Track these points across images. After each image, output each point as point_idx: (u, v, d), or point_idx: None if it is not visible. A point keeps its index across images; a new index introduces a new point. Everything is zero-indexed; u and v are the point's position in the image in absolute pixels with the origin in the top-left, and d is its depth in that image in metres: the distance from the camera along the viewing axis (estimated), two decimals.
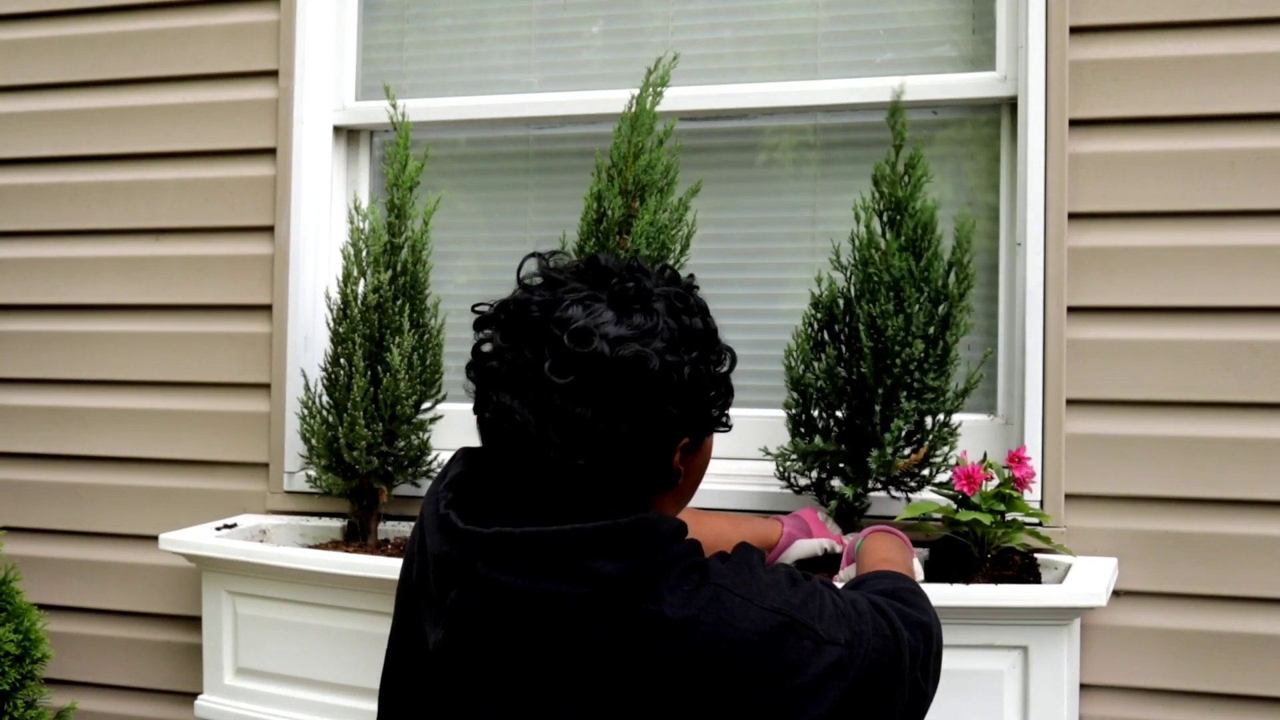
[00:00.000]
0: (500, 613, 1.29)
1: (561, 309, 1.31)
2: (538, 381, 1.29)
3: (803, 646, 1.30)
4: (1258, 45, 2.11)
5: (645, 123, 2.16)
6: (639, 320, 1.32)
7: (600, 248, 2.12)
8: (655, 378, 1.30)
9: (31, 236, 2.75)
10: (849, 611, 1.37)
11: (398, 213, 2.32)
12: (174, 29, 2.65)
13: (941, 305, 2.03)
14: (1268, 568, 2.08)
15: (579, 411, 1.28)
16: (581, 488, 1.32)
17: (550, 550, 1.27)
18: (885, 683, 1.37)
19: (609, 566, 1.27)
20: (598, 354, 1.28)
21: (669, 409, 1.32)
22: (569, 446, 1.29)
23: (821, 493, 2.12)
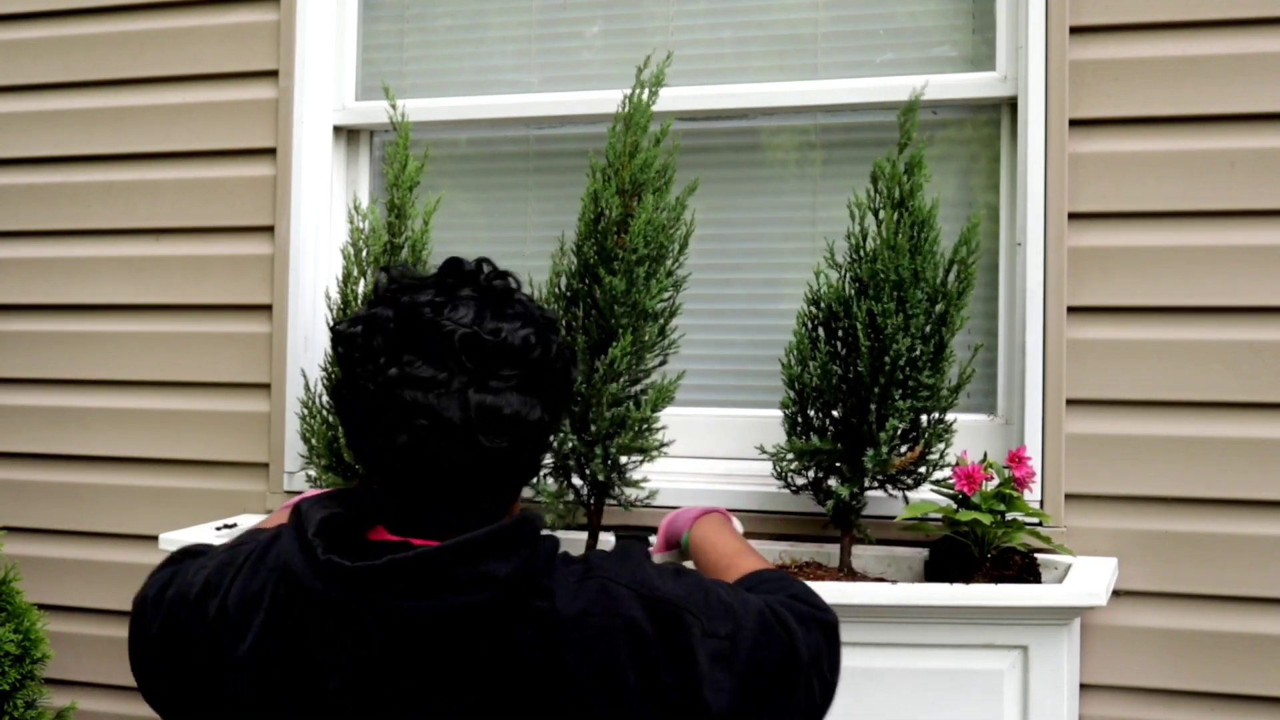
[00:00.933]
0: (407, 640, 1.29)
1: (449, 309, 1.34)
2: (448, 378, 1.31)
3: (692, 635, 1.34)
4: (1258, 45, 2.10)
5: (640, 121, 2.16)
6: (518, 310, 1.38)
7: (599, 248, 2.12)
8: (553, 358, 1.37)
9: (31, 236, 2.75)
10: (734, 606, 1.41)
11: (398, 213, 2.32)
12: (174, 29, 2.65)
13: (939, 303, 2.03)
14: (1268, 568, 2.08)
15: (496, 400, 1.31)
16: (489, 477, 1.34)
17: (447, 564, 1.28)
18: (781, 679, 1.40)
19: (503, 568, 1.29)
20: (505, 342, 1.32)
21: (564, 392, 1.40)
22: (494, 431, 1.31)
23: (818, 492, 2.11)
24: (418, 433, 1.31)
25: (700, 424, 2.41)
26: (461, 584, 1.28)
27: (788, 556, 2.20)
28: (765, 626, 1.42)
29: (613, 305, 2.09)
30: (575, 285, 2.16)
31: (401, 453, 1.33)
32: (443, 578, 1.28)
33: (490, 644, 1.30)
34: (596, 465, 2.12)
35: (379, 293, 1.41)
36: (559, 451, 2.15)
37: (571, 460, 2.15)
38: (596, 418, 2.11)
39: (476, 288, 1.38)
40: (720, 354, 2.48)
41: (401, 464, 1.34)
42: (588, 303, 2.13)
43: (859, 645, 1.86)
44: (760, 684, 1.38)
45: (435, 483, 1.34)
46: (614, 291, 2.08)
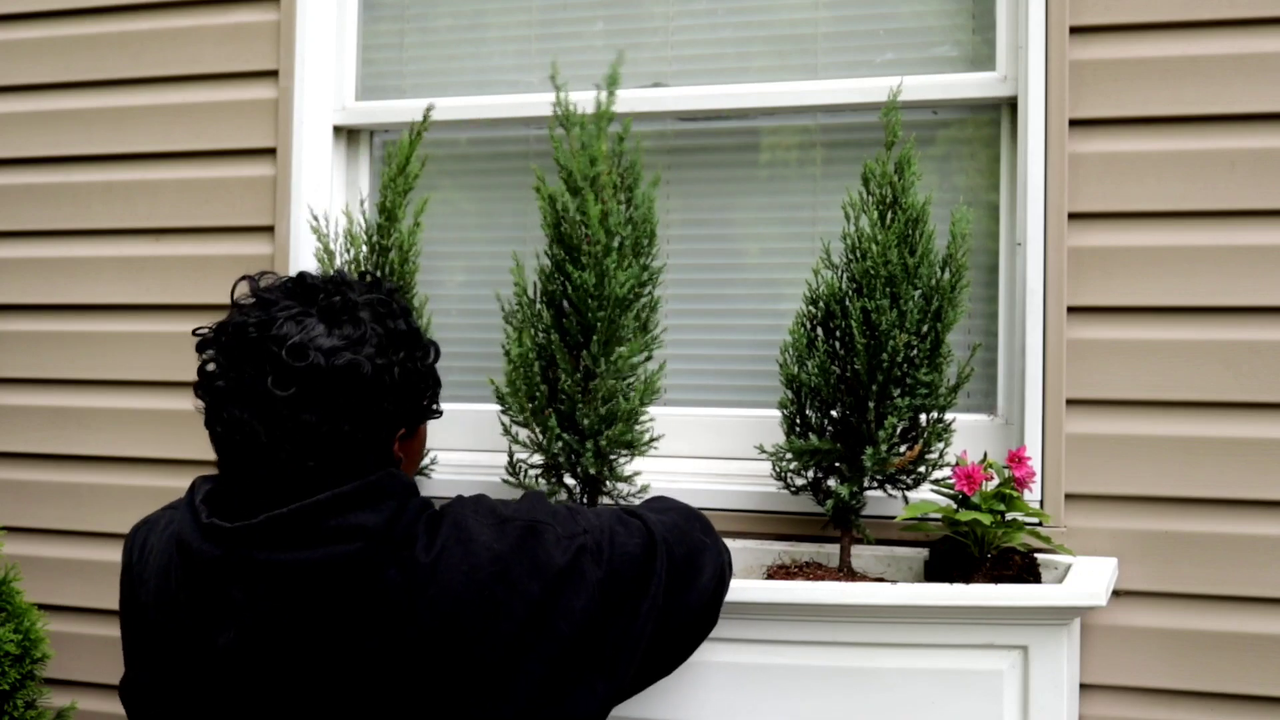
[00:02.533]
0: (286, 591, 1.39)
1: (276, 327, 1.44)
2: (263, 395, 1.41)
3: (545, 541, 1.46)
4: (1258, 45, 2.10)
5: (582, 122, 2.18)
6: (348, 330, 1.46)
7: (565, 246, 2.13)
8: (369, 381, 1.45)
9: (31, 236, 2.75)
10: (580, 510, 1.56)
11: (387, 215, 2.33)
12: (173, 29, 2.65)
13: (934, 299, 2.03)
14: (1268, 568, 2.08)
15: (304, 418, 1.41)
16: (313, 475, 1.43)
17: (319, 516, 1.39)
18: (641, 566, 1.53)
19: (373, 519, 1.40)
20: (314, 365, 1.41)
21: (384, 406, 1.48)
22: (298, 450, 1.42)
23: (818, 492, 2.11)
24: (235, 445, 1.44)
25: (700, 424, 2.42)
26: (332, 535, 1.39)
27: (788, 556, 2.20)
28: (617, 517, 1.59)
29: (586, 299, 2.09)
30: (549, 286, 2.17)
31: (227, 456, 1.47)
32: (313, 531, 1.39)
33: (363, 592, 1.39)
34: (588, 460, 2.12)
35: (235, 302, 1.52)
36: (547, 450, 2.15)
37: (562, 458, 2.15)
38: (584, 414, 2.11)
39: (316, 306, 1.48)
40: (720, 354, 2.48)
41: (230, 464, 1.47)
42: (561, 302, 2.14)
43: (859, 645, 1.87)
44: (625, 573, 1.51)
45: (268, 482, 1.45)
46: (585, 285, 2.09)
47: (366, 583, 1.40)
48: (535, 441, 2.17)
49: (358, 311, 1.49)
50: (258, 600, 1.40)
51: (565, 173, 2.16)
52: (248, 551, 1.39)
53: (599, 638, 1.48)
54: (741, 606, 1.87)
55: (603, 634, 1.49)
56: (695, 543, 1.66)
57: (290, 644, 1.41)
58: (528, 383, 2.13)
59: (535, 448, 2.17)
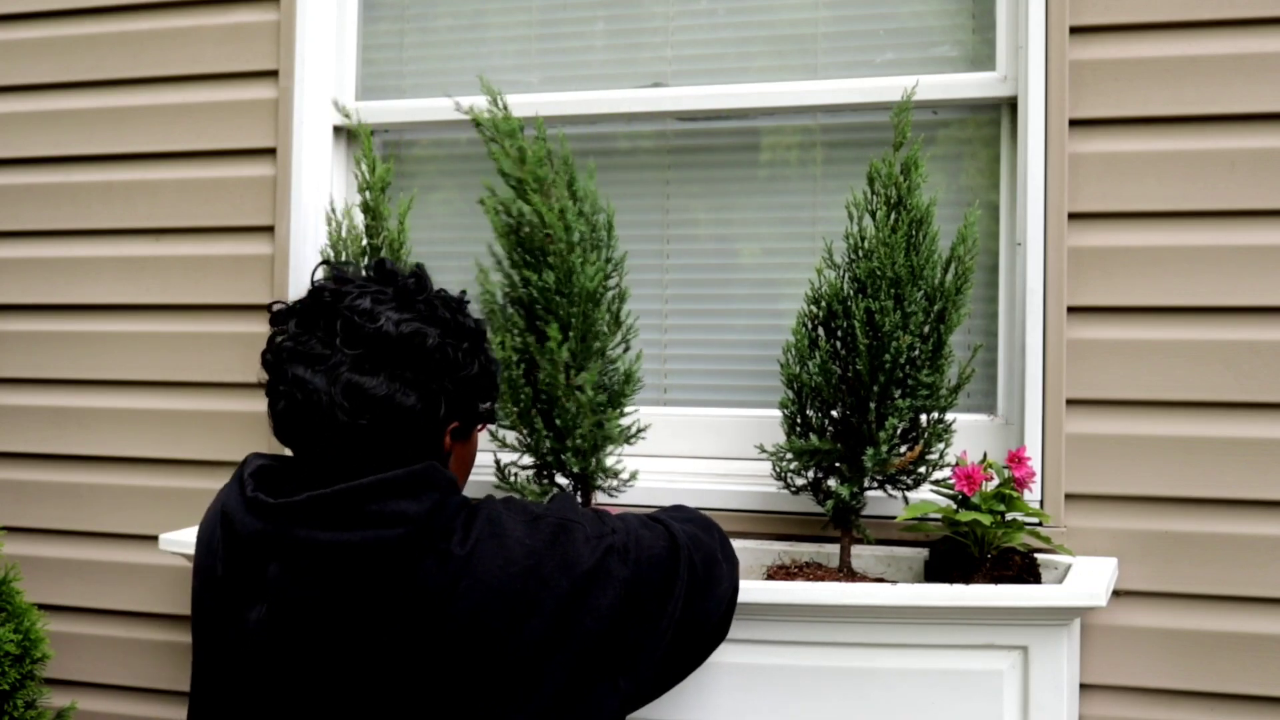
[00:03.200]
0: (323, 569, 1.41)
1: (351, 298, 1.49)
2: (329, 355, 1.45)
3: (575, 540, 1.49)
4: (1258, 45, 2.10)
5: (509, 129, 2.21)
6: (420, 309, 1.52)
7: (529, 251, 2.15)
8: (431, 352, 1.49)
9: (31, 236, 2.75)
10: (607, 513, 1.60)
11: (373, 214, 2.34)
12: (174, 29, 2.65)
13: (937, 301, 2.03)
14: (1268, 568, 2.08)
15: (365, 380, 1.45)
16: (366, 449, 1.46)
17: (362, 499, 1.41)
18: (666, 569, 1.56)
19: (414, 507, 1.42)
20: (382, 330, 1.46)
21: (445, 384, 1.51)
22: (355, 409, 1.44)
23: (818, 492, 2.11)
24: (294, 406, 1.46)
25: (700, 424, 2.42)
26: (375, 519, 1.41)
27: (788, 556, 2.20)
28: (642, 521, 1.62)
29: (554, 298, 2.11)
30: (517, 291, 2.19)
31: (284, 420, 1.49)
32: (356, 513, 1.40)
33: (401, 577, 1.41)
34: (569, 459, 2.13)
35: (313, 282, 1.57)
36: (537, 451, 2.15)
37: (551, 458, 2.15)
38: (563, 412, 2.11)
39: (394, 287, 1.53)
40: (720, 354, 2.48)
41: (285, 430, 1.50)
42: (531, 304, 2.15)
43: (859, 645, 1.87)
44: (649, 574, 1.54)
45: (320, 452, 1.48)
46: (548, 285, 2.10)
47: (402, 570, 1.41)
48: (524, 443, 2.17)
49: (431, 298, 1.55)
50: (295, 578, 1.41)
51: (512, 180, 2.18)
52: (289, 528, 1.41)
53: (623, 636, 1.50)
54: (742, 607, 1.86)
55: (626, 633, 1.50)
56: (712, 553, 1.68)
57: (322, 624, 1.42)
58: (512, 386, 2.13)
59: (525, 449, 2.18)
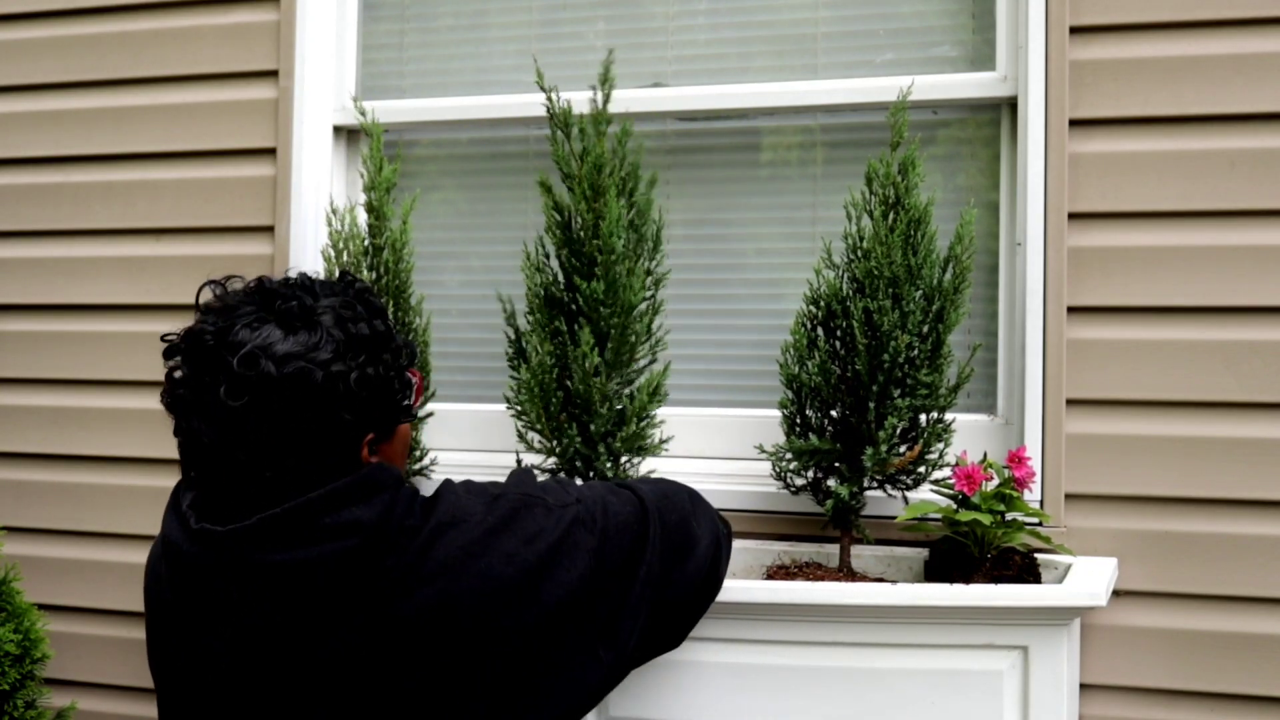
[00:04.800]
0: (284, 591, 1.38)
1: (233, 334, 1.43)
2: (216, 404, 1.40)
3: (535, 514, 1.48)
4: (1258, 45, 2.10)
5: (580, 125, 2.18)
6: (304, 337, 1.43)
7: (575, 253, 2.14)
8: (320, 390, 1.41)
9: (31, 236, 2.75)
10: (570, 481, 1.60)
11: (376, 214, 2.34)
12: (174, 29, 2.65)
13: (936, 301, 2.04)
14: (1268, 568, 2.08)
15: (256, 427, 1.39)
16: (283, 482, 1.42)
17: (314, 514, 1.38)
18: (635, 533, 1.55)
19: (367, 513, 1.40)
20: (265, 374, 1.39)
21: (341, 415, 1.44)
22: (252, 460, 1.40)
23: (818, 492, 2.11)
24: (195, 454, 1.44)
25: (700, 424, 2.42)
26: (328, 531, 1.38)
27: (788, 556, 2.20)
28: (609, 488, 1.60)
29: (598, 307, 2.10)
30: (558, 293, 2.17)
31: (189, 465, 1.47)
32: (310, 528, 1.38)
33: (359, 583, 1.39)
34: (602, 463, 2.12)
35: (199, 308, 1.53)
36: (562, 455, 2.15)
37: (578, 461, 2.15)
38: (594, 417, 2.11)
39: (274, 311, 1.46)
40: (720, 354, 2.48)
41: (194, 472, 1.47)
42: (573, 308, 2.14)
43: (859, 645, 1.87)
44: (618, 540, 1.53)
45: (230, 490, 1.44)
46: (597, 294, 2.09)
47: (364, 575, 1.40)
48: (547, 446, 2.17)
49: (317, 316, 1.46)
50: (257, 601, 1.39)
51: (570, 179, 2.16)
52: (242, 553, 1.38)
53: (595, 604, 1.49)
54: (741, 607, 1.87)
55: (599, 600, 1.49)
56: (685, 514, 1.67)
57: (290, 641, 1.40)
58: (544, 389, 2.13)
59: (548, 451, 2.18)
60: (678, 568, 1.61)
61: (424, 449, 2.40)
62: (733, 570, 2.23)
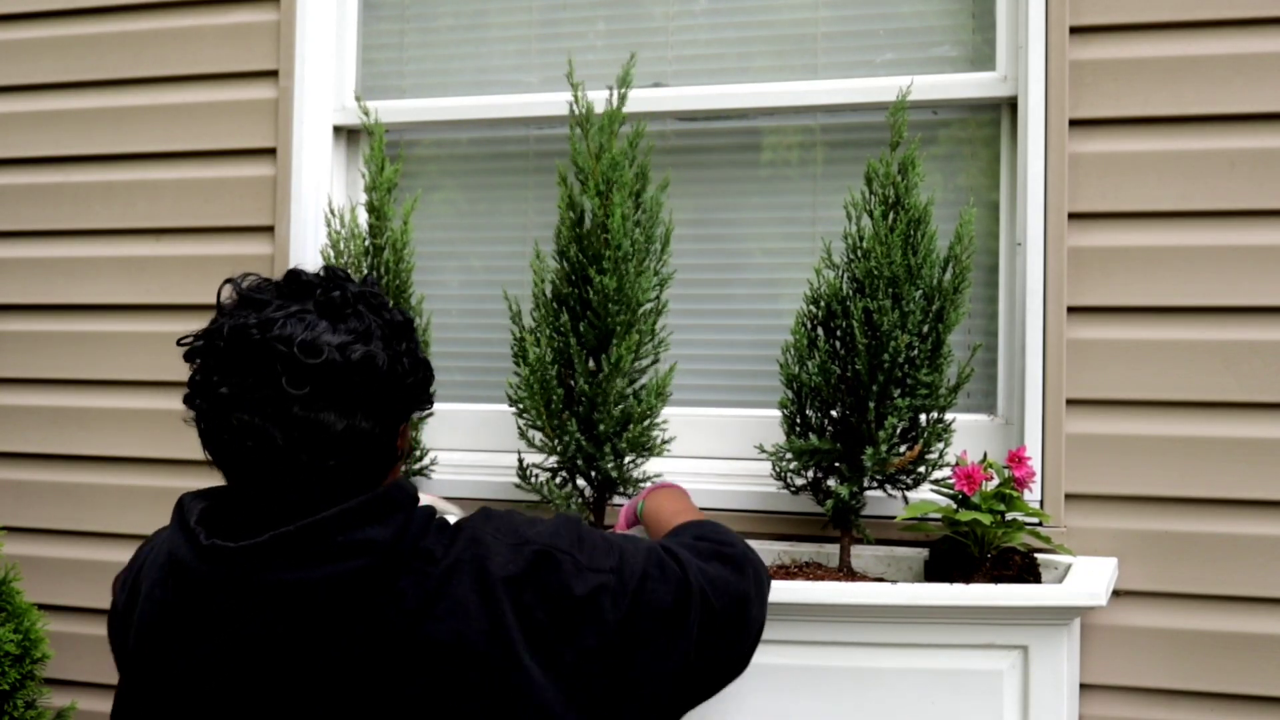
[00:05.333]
0: (295, 611, 1.35)
1: (279, 326, 1.38)
2: (275, 397, 1.35)
3: (563, 571, 1.40)
4: (1258, 45, 2.11)
5: (603, 124, 2.18)
6: (354, 324, 1.41)
7: (584, 249, 2.13)
8: (385, 374, 1.41)
9: (31, 236, 2.75)
10: (619, 544, 1.48)
11: (377, 214, 2.34)
12: (174, 29, 2.65)
13: (936, 301, 2.04)
14: (1268, 568, 2.08)
15: (322, 418, 1.36)
16: (332, 484, 1.39)
17: (327, 533, 1.34)
18: (668, 622, 1.46)
19: (381, 532, 1.36)
20: (330, 362, 1.36)
21: (396, 400, 1.44)
22: (318, 451, 1.37)
23: (818, 492, 2.12)
24: (245, 453, 1.37)
25: (700, 424, 2.42)
26: (342, 551, 1.34)
27: (788, 556, 2.20)
28: (655, 561, 1.48)
29: (607, 304, 2.10)
30: (564, 289, 2.16)
31: (236, 466, 1.40)
32: (323, 547, 1.34)
33: (372, 604, 1.35)
34: (605, 463, 2.12)
35: (221, 306, 1.45)
36: (563, 453, 2.15)
37: (580, 460, 2.15)
38: (603, 416, 2.11)
39: (314, 301, 1.42)
40: (720, 354, 2.48)
41: (239, 475, 1.41)
42: (580, 304, 2.14)
43: (859, 645, 1.87)
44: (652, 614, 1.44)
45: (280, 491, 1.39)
46: (607, 290, 2.09)
47: (377, 596, 1.36)
48: (549, 444, 2.17)
49: (357, 305, 1.44)
50: (263, 622, 1.35)
51: (583, 175, 2.16)
52: (253, 572, 1.34)
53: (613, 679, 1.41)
54: None
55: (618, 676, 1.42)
56: (743, 595, 1.56)
57: (301, 663, 1.36)
58: (544, 386, 2.13)
59: (549, 450, 2.17)
60: (716, 653, 1.52)
61: (424, 449, 2.40)
62: None
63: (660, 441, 2.17)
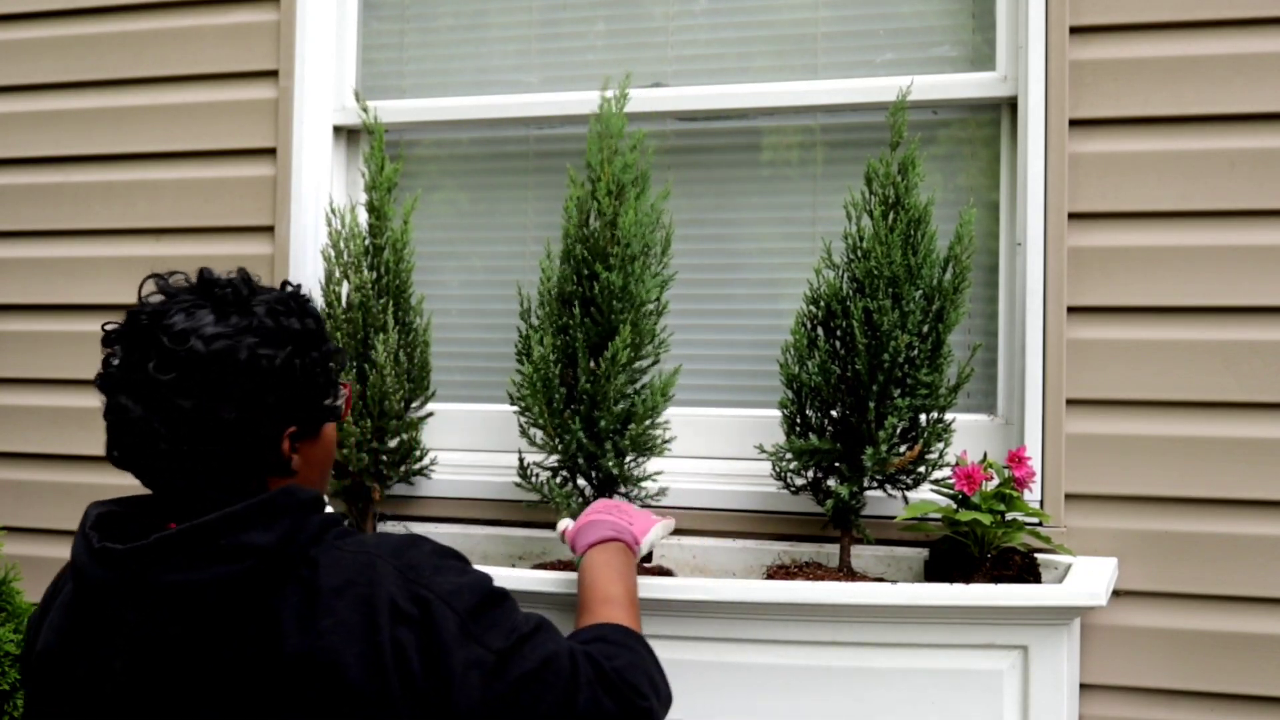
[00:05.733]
0: (176, 614, 1.38)
1: (167, 316, 1.46)
2: (145, 380, 1.43)
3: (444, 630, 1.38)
4: (1258, 45, 2.11)
5: (617, 126, 2.18)
6: (235, 320, 1.47)
7: (591, 247, 2.13)
8: (243, 367, 1.43)
9: (31, 236, 2.75)
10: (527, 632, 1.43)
11: (377, 214, 2.34)
12: (174, 29, 2.65)
13: (936, 300, 2.04)
14: (1268, 568, 2.08)
15: (180, 403, 1.41)
16: (201, 473, 1.43)
17: (208, 536, 1.37)
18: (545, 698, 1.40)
19: (263, 537, 1.38)
20: (193, 350, 1.42)
21: (264, 398, 1.45)
22: (174, 435, 1.42)
23: (818, 492, 2.12)
24: (119, 433, 1.45)
25: (700, 424, 2.41)
26: (224, 554, 1.37)
27: (788, 556, 2.20)
28: (552, 668, 1.42)
29: (611, 301, 2.10)
30: (569, 287, 2.16)
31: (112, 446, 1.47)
32: (203, 551, 1.37)
33: (252, 610, 1.37)
34: (607, 461, 2.12)
35: (140, 299, 1.54)
36: (564, 452, 2.15)
37: (581, 458, 2.15)
38: (604, 414, 2.11)
39: (210, 298, 1.49)
40: (720, 354, 2.48)
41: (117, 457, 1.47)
42: (584, 302, 2.14)
43: (859, 645, 1.87)
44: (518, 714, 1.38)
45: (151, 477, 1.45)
46: (612, 287, 2.09)
47: (260, 602, 1.37)
48: (550, 443, 2.17)
49: (251, 305, 1.50)
50: (154, 624, 1.38)
51: (595, 174, 2.16)
52: (140, 574, 1.37)
53: None
54: (741, 606, 1.87)
55: None
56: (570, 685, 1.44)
57: (184, 666, 1.39)
58: (547, 384, 2.13)
59: (550, 449, 2.17)
60: None
61: (424, 449, 2.40)
62: (733, 570, 2.24)
63: (662, 441, 2.17)
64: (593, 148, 2.18)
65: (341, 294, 2.34)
